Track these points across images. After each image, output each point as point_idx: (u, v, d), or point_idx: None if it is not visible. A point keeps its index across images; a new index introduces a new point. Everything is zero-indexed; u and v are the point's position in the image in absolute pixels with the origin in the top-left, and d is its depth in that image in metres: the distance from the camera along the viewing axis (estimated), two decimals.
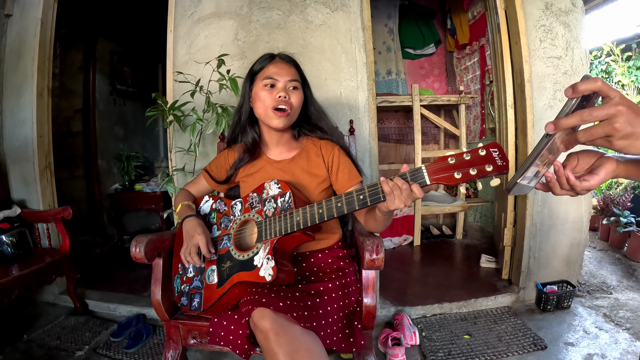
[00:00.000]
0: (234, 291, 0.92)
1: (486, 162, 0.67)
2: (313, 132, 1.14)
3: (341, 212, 0.83)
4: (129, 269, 2.43)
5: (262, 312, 0.77)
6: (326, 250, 1.09)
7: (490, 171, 0.67)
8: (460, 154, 0.71)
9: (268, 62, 1.03)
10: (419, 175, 0.74)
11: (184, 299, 1.01)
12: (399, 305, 1.81)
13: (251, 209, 1.00)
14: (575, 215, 1.86)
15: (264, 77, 1.01)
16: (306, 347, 0.75)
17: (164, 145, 4.02)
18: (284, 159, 1.11)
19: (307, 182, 1.07)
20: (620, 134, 0.47)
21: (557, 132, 0.51)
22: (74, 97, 3.06)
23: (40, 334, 1.69)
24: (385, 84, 3.56)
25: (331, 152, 1.10)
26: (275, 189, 0.97)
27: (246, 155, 1.11)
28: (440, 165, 0.72)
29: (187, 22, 1.76)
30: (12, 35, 2.00)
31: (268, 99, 1.00)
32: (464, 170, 0.69)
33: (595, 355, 1.43)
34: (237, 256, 0.94)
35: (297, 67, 1.07)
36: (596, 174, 0.57)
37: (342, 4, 1.71)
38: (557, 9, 1.78)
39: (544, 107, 1.77)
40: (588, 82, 0.48)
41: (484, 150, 0.68)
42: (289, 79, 1.01)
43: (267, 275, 0.84)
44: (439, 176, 0.72)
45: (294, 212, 0.90)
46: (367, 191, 0.81)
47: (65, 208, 1.83)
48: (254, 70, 1.06)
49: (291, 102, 1.01)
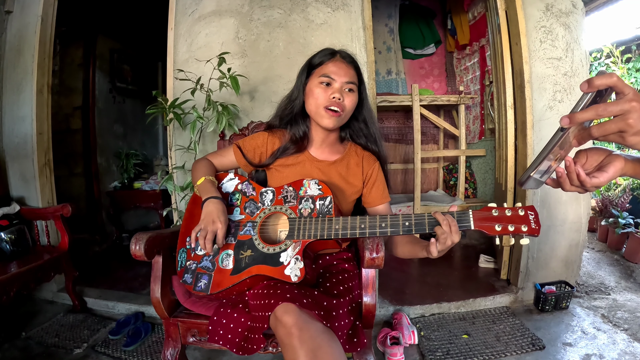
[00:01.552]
0: (247, 282, 0.90)
1: (523, 223, 0.75)
2: (359, 137, 1.11)
3: (384, 234, 0.84)
4: (128, 267, 2.42)
5: (287, 307, 0.76)
6: (333, 253, 1.10)
7: (524, 231, 0.74)
8: (503, 208, 0.78)
9: (328, 59, 1.00)
10: (466, 218, 0.79)
11: (188, 276, 0.96)
12: (398, 304, 1.81)
13: (285, 203, 0.98)
14: (573, 216, 1.86)
15: (321, 74, 0.99)
16: (328, 345, 0.74)
17: (163, 143, 4.02)
18: (325, 160, 1.08)
19: (342, 189, 1.06)
20: (633, 130, 0.47)
21: (571, 126, 0.51)
22: (73, 94, 3.05)
23: (38, 331, 1.69)
24: (385, 83, 3.56)
25: (372, 166, 1.09)
26: (315, 190, 0.95)
27: (292, 147, 1.06)
28: (485, 214, 0.78)
29: (188, 20, 1.76)
30: (12, 32, 2.00)
31: (322, 97, 0.98)
32: (503, 225, 0.76)
33: (593, 355, 1.43)
34: (261, 248, 0.92)
35: (357, 69, 1.03)
36: (605, 171, 0.57)
37: (343, 4, 1.71)
38: (558, 10, 1.78)
39: (544, 108, 1.78)
40: (604, 77, 0.48)
41: (523, 210, 0.76)
42: (346, 80, 0.98)
43: (293, 276, 0.83)
44: (482, 224, 0.78)
45: (333, 220, 0.88)
46: (414, 219, 0.82)
47: (64, 205, 1.82)
48: (312, 63, 1.02)
49: (344, 104, 0.98)
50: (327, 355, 0.72)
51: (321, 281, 1.00)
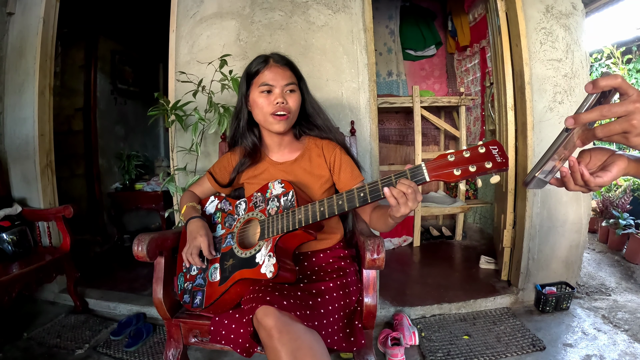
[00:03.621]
0: (236, 289, 0.92)
1: (485, 159, 0.67)
2: (312, 130, 1.14)
3: (342, 209, 0.84)
4: (129, 268, 2.43)
5: (266, 309, 0.78)
6: (327, 250, 1.10)
7: (489, 168, 0.67)
8: (460, 151, 0.71)
9: (263, 67, 1.02)
10: (419, 172, 0.74)
11: (187, 297, 1.02)
12: (399, 305, 1.81)
13: (255, 208, 1.01)
14: (574, 217, 1.87)
15: (260, 83, 1.01)
16: (308, 346, 0.76)
17: (165, 144, 4.03)
18: (287, 161, 1.12)
19: (310, 182, 1.09)
20: (637, 130, 0.47)
21: (576, 126, 0.52)
22: (75, 95, 3.06)
23: (40, 332, 1.70)
24: (386, 85, 3.57)
25: (333, 152, 1.11)
26: (278, 189, 0.98)
27: (247, 160, 1.11)
28: (439, 162, 0.72)
29: (190, 22, 1.77)
30: (14, 33, 2.00)
31: (266, 105, 1.01)
32: (463, 167, 0.69)
33: (593, 356, 1.43)
34: (240, 254, 0.95)
35: (292, 68, 1.06)
36: (609, 171, 0.58)
37: (344, 6, 1.72)
38: (558, 12, 1.79)
39: (544, 109, 1.78)
40: (609, 79, 0.48)
41: (484, 147, 0.69)
42: (285, 83, 1.01)
43: (268, 272, 0.84)
44: (438, 173, 0.72)
45: (295, 210, 0.90)
46: (368, 188, 0.81)
47: (66, 206, 1.83)
48: (249, 73, 1.05)
49: (289, 106, 1.02)
50: (307, 357, 0.74)
51: (314, 278, 1.00)
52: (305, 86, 1.10)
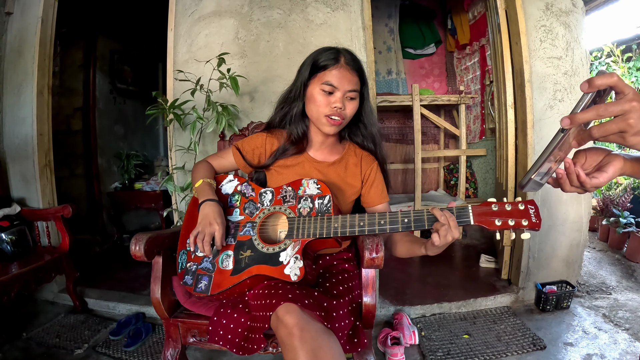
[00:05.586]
0: (247, 282, 0.90)
1: (523, 217, 0.75)
2: (357, 136, 1.11)
3: (383, 230, 0.84)
4: (129, 268, 2.42)
5: (289, 307, 0.76)
6: (334, 253, 1.10)
7: (525, 225, 0.74)
8: (502, 203, 0.77)
9: (332, 64, 0.95)
10: (465, 214, 0.78)
11: (189, 278, 0.97)
12: (398, 304, 1.81)
13: (283, 202, 0.98)
14: (574, 216, 1.86)
15: (323, 81, 0.95)
16: (328, 346, 0.75)
17: (164, 144, 4.02)
18: (324, 161, 1.08)
19: (341, 189, 1.07)
20: (633, 130, 0.47)
21: (572, 126, 0.51)
22: (74, 95, 3.05)
23: (39, 332, 1.69)
24: (385, 83, 3.56)
25: (370, 166, 1.09)
26: (313, 189, 0.95)
27: (291, 148, 1.06)
28: (484, 209, 0.78)
29: (188, 20, 1.76)
30: (13, 33, 2.00)
31: (323, 105, 0.96)
32: (503, 220, 0.76)
33: (594, 355, 1.43)
34: (261, 248, 0.92)
35: (361, 73, 1.00)
36: (605, 172, 0.57)
37: (343, 4, 1.71)
38: (558, 10, 1.78)
39: (544, 108, 1.77)
40: (604, 77, 0.48)
41: (523, 205, 0.76)
42: (349, 89, 0.95)
43: (293, 275, 0.83)
44: (481, 219, 0.78)
45: (332, 218, 0.88)
46: (413, 216, 0.82)
47: (65, 206, 1.82)
48: (316, 65, 0.97)
49: (345, 112, 0.97)
50: (327, 356, 0.72)
51: (321, 281, 1.00)
52: (367, 92, 1.04)
